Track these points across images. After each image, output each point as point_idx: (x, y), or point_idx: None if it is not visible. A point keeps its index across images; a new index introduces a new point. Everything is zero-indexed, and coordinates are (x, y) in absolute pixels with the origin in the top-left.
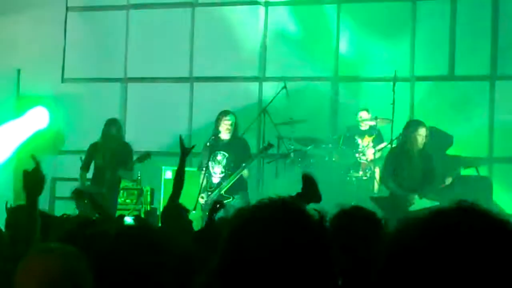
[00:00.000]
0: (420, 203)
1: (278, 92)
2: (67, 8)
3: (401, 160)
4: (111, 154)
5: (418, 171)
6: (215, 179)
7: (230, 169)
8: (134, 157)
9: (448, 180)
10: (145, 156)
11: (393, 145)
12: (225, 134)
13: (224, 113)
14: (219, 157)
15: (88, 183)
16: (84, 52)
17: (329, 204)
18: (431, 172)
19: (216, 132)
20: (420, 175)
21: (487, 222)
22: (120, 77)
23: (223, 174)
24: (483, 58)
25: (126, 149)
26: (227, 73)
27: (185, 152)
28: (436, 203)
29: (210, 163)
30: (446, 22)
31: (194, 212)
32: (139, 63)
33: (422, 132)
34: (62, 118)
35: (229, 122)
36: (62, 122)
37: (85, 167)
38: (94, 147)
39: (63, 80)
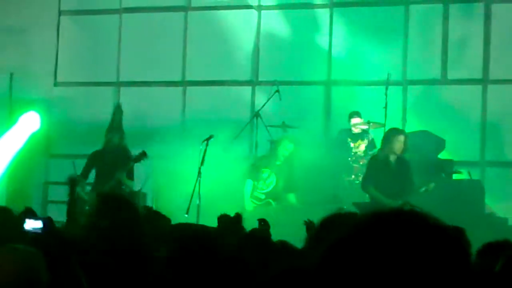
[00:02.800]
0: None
1: (271, 96)
2: (59, 12)
3: (381, 167)
4: (113, 162)
5: (398, 178)
6: None
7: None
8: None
9: (430, 186)
10: (141, 155)
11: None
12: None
13: None
14: None
15: (89, 188)
16: (76, 56)
17: (321, 208)
18: (409, 179)
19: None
20: (400, 182)
21: (417, 225)
22: (113, 81)
23: None
24: (476, 62)
25: (128, 157)
26: (220, 77)
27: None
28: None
29: None
30: (438, 26)
31: (186, 216)
32: (132, 67)
33: (401, 139)
34: (55, 122)
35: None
36: (54, 126)
37: (84, 175)
38: (95, 155)
39: (55, 84)
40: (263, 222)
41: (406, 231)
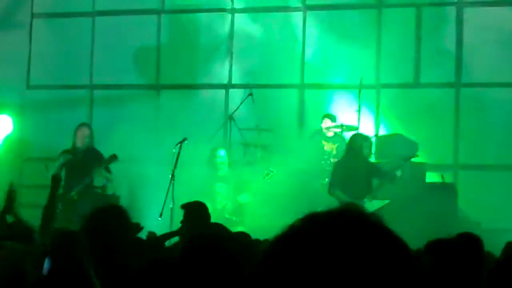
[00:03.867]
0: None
1: (244, 99)
2: (32, 15)
3: (347, 171)
4: (83, 163)
5: (364, 181)
6: None
7: None
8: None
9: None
10: (112, 158)
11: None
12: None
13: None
14: None
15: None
16: (49, 59)
17: (294, 211)
18: (383, 173)
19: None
20: (365, 185)
21: (352, 224)
22: (86, 84)
23: None
24: (448, 65)
25: (97, 155)
26: (193, 80)
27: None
28: (387, 201)
29: None
30: (411, 29)
31: (160, 219)
32: (105, 70)
33: (367, 144)
34: (28, 125)
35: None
36: (27, 129)
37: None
38: (66, 153)
39: (28, 86)
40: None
41: (342, 232)
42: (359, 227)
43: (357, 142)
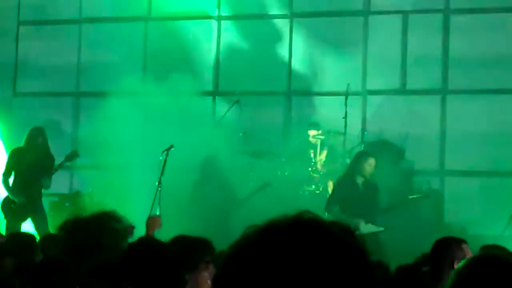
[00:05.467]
0: (365, 230)
1: (231, 106)
2: (18, 22)
3: (348, 190)
4: (36, 163)
5: (364, 201)
6: None
7: None
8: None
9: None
10: (73, 154)
11: (345, 159)
12: None
13: None
14: None
15: None
16: (36, 66)
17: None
18: (376, 202)
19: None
20: (366, 205)
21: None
22: (72, 91)
23: None
24: (434, 72)
25: (50, 159)
26: (180, 87)
27: None
28: (381, 229)
29: None
30: (397, 36)
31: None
32: (92, 77)
33: (371, 162)
34: (14, 132)
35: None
36: (13, 136)
37: (8, 173)
38: (18, 153)
39: (14, 94)
40: None
41: (297, 241)
42: (311, 235)
43: (360, 161)
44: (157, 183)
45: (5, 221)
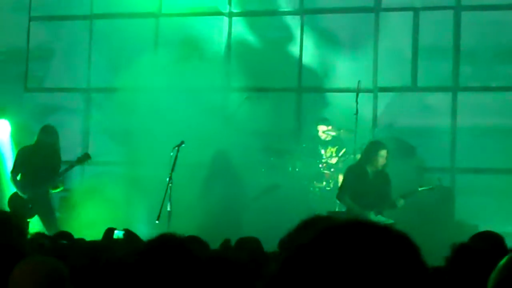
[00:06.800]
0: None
1: (242, 102)
2: (30, 18)
3: (359, 179)
4: (45, 162)
5: (375, 191)
6: None
7: None
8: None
9: (400, 202)
10: (85, 157)
11: (355, 156)
12: None
13: None
14: None
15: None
16: (47, 61)
17: (292, 214)
18: (387, 193)
19: None
20: (376, 195)
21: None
22: (83, 87)
23: None
24: (446, 68)
25: (57, 159)
26: (192, 83)
27: None
28: (391, 221)
29: None
30: (409, 33)
31: (157, 222)
32: (103, 73)
33: (383, 153)
34: (25, 128)
35: None
36: (24, 132)
37: (17, 171)
38: (27, 151)
39: (26, 89)
40: None
41: (356, 243)
42: (375, 234)
43: (372, 150)
44: (168, 179)
45: None
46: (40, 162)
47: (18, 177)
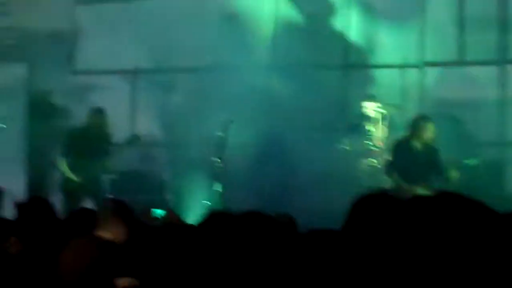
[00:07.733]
0: None
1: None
2: (75, 0)
3: (407, 154)
4: (95, 144)
5: (423, 165)
6: None
7: None
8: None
9: (453, 175)
10: (134, 138)
11: (401, 137)
12: None
13: None
14: None
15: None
16: (94, 44)
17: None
18: (436, 166)
19: None
20: (425, 169)
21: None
22: (131, 69)
23: None
24: (493, 41)
25: (108, 141)
26: (236, 62)
27: None
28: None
29: None
30: (455, 7)
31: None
32: (151, 54)
33: (430, 127)
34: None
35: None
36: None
37: (67, 153)
38: (76, 134)
39: (74, 72)
40: None
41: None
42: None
43: (419, 125)
44: (218, 159)
45: (64, 201)
46: (90, 144)
47: (68, 160)
